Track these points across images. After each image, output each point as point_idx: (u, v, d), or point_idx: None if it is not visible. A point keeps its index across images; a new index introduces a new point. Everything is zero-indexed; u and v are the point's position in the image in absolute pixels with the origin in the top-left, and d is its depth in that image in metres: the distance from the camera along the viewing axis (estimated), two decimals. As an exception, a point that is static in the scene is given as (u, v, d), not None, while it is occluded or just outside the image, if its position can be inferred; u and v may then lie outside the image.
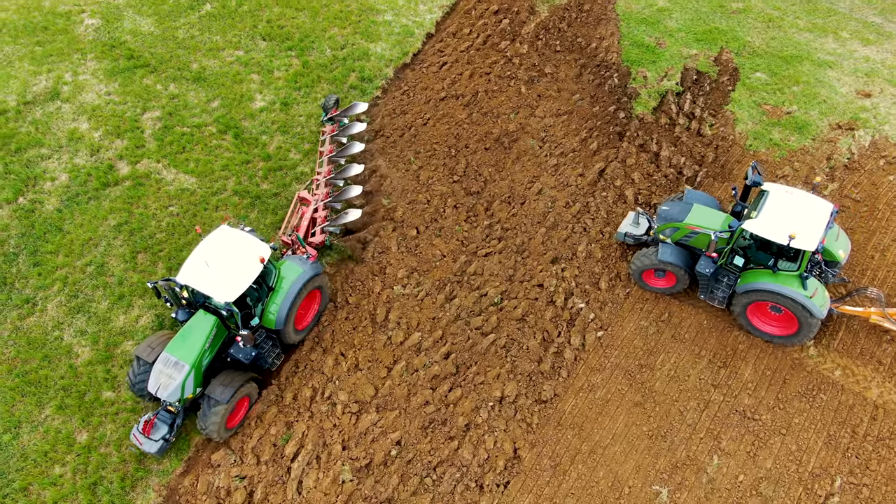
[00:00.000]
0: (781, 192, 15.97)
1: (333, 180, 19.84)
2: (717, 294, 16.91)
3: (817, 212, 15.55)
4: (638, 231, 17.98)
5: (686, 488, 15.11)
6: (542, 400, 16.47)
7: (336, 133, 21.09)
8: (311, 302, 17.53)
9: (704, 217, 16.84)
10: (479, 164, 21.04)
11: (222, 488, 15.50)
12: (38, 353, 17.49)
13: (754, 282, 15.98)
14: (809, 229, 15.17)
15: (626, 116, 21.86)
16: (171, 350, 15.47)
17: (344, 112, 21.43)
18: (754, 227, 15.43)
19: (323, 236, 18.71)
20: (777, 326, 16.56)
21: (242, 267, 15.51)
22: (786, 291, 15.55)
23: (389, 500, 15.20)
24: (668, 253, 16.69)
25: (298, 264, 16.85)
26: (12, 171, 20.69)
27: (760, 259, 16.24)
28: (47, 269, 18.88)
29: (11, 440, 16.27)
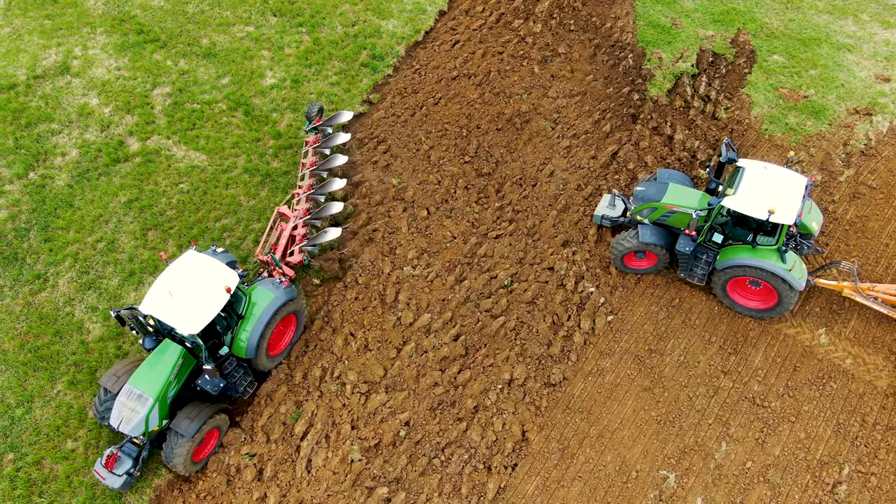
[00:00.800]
0: (757, 168, 16.04)
1: (314, 195, 18.75)
2: (696, 272, 16.94)
3: (793, 186, 15.69)
4: (615, 213, 17.95)
5: (693, 473, 15.16)
6: (550, 383, 16.49)
7: (319, 144, 19.98)
8: (285, 327, 16.80)
9: (680, 196, 16.87)
10: (491, 144, 20.86)
11: (232, 465, 15.65)
12: (50, 329, 17.59)
13: (734, 258, 16.07)
14: (787, 203, 15.29)
15: (640, 98, 21.58)
16: (134, 382, 14.78)
17: (328, 121, 20.17)
18: (733, 203, 15.49)
19: (301, 256, 17.81)
20: (757, 300, 16.70)
21: (208, 297, 14.72)
22: (765, 266, 15.66)
23: (398, 480, 15.32)
24: (648, 234, 16.71)
25: (271, 290, 15.99)
26: (23, 146, 20.64)
27: (738, 235, 16.36)
28: (58, 244, 18.91)
29: (24, 414, 16.43)
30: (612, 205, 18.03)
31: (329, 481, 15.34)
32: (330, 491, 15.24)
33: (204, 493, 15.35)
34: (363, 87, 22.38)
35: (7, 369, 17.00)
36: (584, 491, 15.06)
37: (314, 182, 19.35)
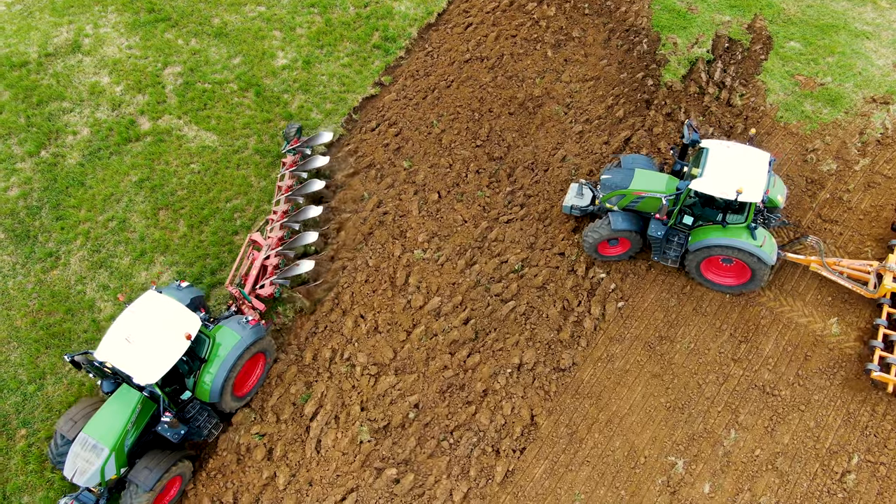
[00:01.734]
0: (720, 148, 16.11)
1: (289, 223, 17.89)
2: (669, 254, 16.97)
3: (757, 163, 15.83)
4: (583, 202, 17.91)
5: (702, 460, 15.17)
6: (560, 368, 16.50)
7: (297, 167, 19.03)
8: (253, 366, 16.15)
9: (647, 181, 16.88)
10: (503, 128, 20.74)
11: (242, 445, 15.75)
12: (62, 307, 17.67)
13: (705, 238, 16.17)
14: (753, 181, 15.43)
15: (654, 84, 21.38)
16: (89, 430, 14.09)
17: (307, 142, 19.35)
18: (701, 185, 15.56)
19: (272, 288, 16.95)
20: (731, 277, 16.86)
21: (167, 344, 14.04)
22: (737, 244, 15.78)
23: (406, 462, 15.39)
24: (619, 221, 16.72)
25: (236, 330, 15.30)
26: (34, 124, 20.64)
27: (708, 215, 16.44)
28: (70, 223, 18.96)
29: (36, 391, 16.55)
30: (581, 194, 17.99)
31: (338, 462, 15.43)
32: (339, 471, 15.33)
33: (214, 471, 15.46)
34: (375, 69, 22.25)
35: (20, 346, 17.11)
36: (592, 475, 15.11)
37: (290, 208, 18.49)
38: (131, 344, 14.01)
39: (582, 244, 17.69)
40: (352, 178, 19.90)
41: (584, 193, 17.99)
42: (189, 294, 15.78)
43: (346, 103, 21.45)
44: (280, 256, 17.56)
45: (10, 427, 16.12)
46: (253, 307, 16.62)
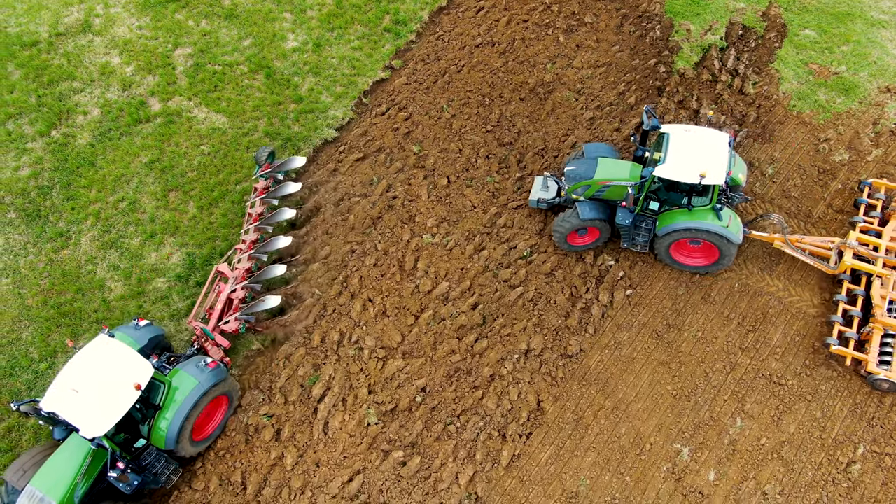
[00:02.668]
0: (680, 132, 16.21)
1: (257, 254, 17.12)
2: (638, 240, 17.05)
3: (717, 145, 15.96)
4: (549, 195, 17.92)
5: (707, 448, 15.23)
6: (567, 354, 16.54)
7: (267, 193, 18.22)
8: (215, 408, 15.52)
9: (611, 169, 16.91)
10: (514, 114, 20.65)
11: (251, 426, 15.89)
12: (73, 286, 17.79)
13: (673, 223, 16.29)
14: (715, 164, 15.56)
15: (667, 71, 21.23)
16: (37, 482, 13.35)
17: (279, 167, 18.58)
18: (665, 172, 15.66)
19: (237, 324, 16.21)
20: (700, 258, 17.03)
21: (116, 394, 13.40)
22: (704, 226, 15.95)
23: (413, 445, 15.51)
24: (587, 210, 16.76)
25: (194, 374, 14.64)
26: (45, 104, 20.68)
27: (673, 199, 16.54)
28: (80, 203, 19.04)
29: (47, 369, 16.72)
30: (546, 187, 17.97)
31: (345, 443, 15.57)
32: (346, 453, 15.46)
33: (223, 451, 15.62)
34: (385, 52, 22.16)
35: (31, 324, 17.26)
36: (597, 461, 15.20)
37: (259, 237, 17.77)
38: (78, 394, 13.40)
39: (552, 237, 17.70)
40: (361, 162, 19.89)
41: (550, 186, 18.00)
42: (147, 334, 15.25)
43: (356, 87, 21.40)
44: (246, 290, 16.79)
45: (21, 404, 16.29)
46: (217, 344, 16.01)
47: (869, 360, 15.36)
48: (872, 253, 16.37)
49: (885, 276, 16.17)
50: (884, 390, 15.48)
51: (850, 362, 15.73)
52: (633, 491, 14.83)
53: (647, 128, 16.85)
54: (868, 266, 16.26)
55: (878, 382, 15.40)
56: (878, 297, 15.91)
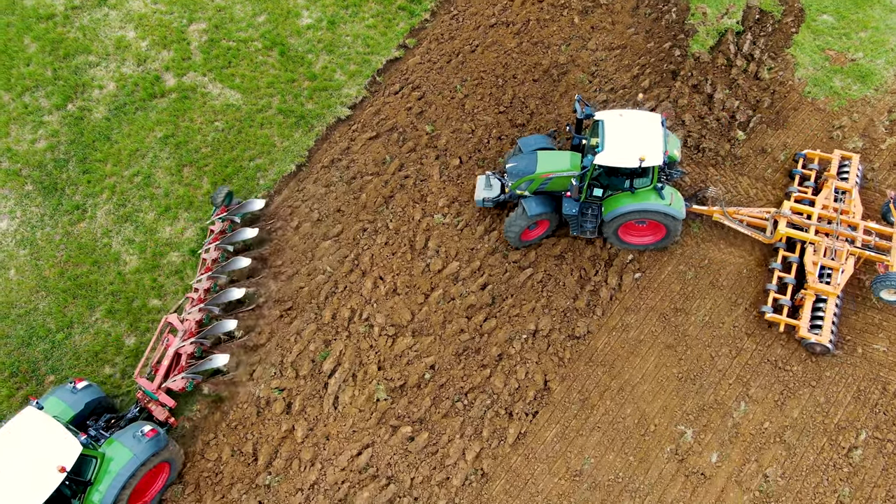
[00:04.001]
0: (614, 118, 16.38)
1: (209, 306, 16.39)
2: (586, 227, 17.20)
3: (651, 126, 16.19)
4: (494, 193, 17.80)
5: (711, 430, 15.46)
6: (575, 336, 16.74)
7: (222, 239, 17.36)
8: (155, 476, 14.72)
9: (552, 161, 16.98)
10: (527, 95, 20.65)
11: (262, 398, 16.22)
12: (89, 259, 18.08)
13: (618, 207, 16.47)
14: (652, 145, 15.82)
15: (682, 54, 21.13)
16: None
17: (236, 210, 17.72)
18: (605, 159, 15.83)
19: (184, 382, 15.47)
20: (648, 236, 17.32)
21: (38, 476, 12.57)
22: (649, 206, 16.23)
23: (421, 421, 15.80)
24: (534, 206, 16.81)
25: (130, 445, 13.80)
26: (61, 77, 20.83)
27: (615, 184, 16.70)
28: (96, 176, 19.26)
29: (64, 339, 17.06)
30: (489, 185, 17.82)
31: (355, 418, 15.88)
32: (356, 427, 15.78)
33: (235, 422, 15.97)
34: (399, 30, 22.13)
35: (48, 295, 17.59)
36: (602, 441, 15.46)
37: (212, 286, 17.04)
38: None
39: (506, 239, 17.68)
40: (374, 141, 19.99)
41: (493, 184, 17.83)
42: (85, 397, 14.64)
43: (370, 65, 21.42)
44: (196, 345, 16.07)
45: (39, 373, 16.68)
46: (161, 403, 15.30)
47: (801, 326, 15.85)
48: (805, 221, 16.91)
49: (817, 243, 16.68)
50: (816, 353, 15.98)
51: (783, 328, 16.22)
52: (636, 470, 15.10)
53: (581, 117, 17.00)
54: (801, 234, 16.78)
55: (811, 346, 15.89)
56: (811, 263, 16.42)
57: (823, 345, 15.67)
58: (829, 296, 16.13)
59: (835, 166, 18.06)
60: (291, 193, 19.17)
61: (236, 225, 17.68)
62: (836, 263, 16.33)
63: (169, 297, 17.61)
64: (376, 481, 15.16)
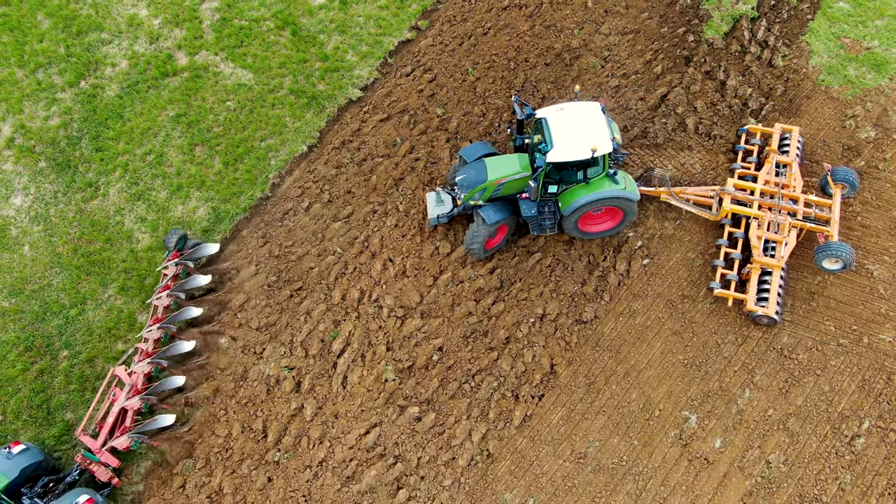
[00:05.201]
0: (555, 113, 16.28)
1: (157, 359, 15.75)
2: (546, 224, 17.19)
3: (593, 115, 16.18)
4: (446, 209, 17.35)
5: (715, 416, 15.62)
6: (582, 320, 16.87)
7: (174, 287, 16.63)
8: None
9: (501, 166, 16.75)
10: (538, 79, 20.60)
11: (272, 377, 16.46)
12: (102, 236, 18.27)
13: (575, 199, 16.42)
14: (599, 134, 15.86)
15: (696, 40, 20.99)
16: None
17: (189, 255, 17.04)
18: (557, 156, 15.75)
19: (129, 441, 14.74)
20: (606, 222, 17.40)
21: None
22: (605, 194, 16.26)
23: (429, 402, 16.02)
24: (492, 214, 16.54)
25: None
26: (73, 54, 20.87)
27: (569, 178, 16.58)
28: (109, 154, 19.39)
29: (78, 315, 17.31)
30: (440, 201, 17.36)
31: (363, 398, 16.11)
32: (364, 407, 16.02)
33: (245, 399, 16.23)
34: (412, 12, 22.04)
35: (62, 272, 17.81)
36: (607, 425, 15.65)
37: (162, 336, 16.35)
38: None
39: (470, 253, 17.41)
40: (385, 123, 20.01)
41: (444, 199, 17.36)
42: (21, 462, 14.00)
43: (381, 46, 21.38)
44: (144, 400, 15.39)
45: (53, 348, 16.95)
46: (104, 463, 14.69)
47: (748, 300, 16.15)
48: (749, 197, 17.23)
49: (761, 218, 17.03)
50: (764, 325, 16.36)
51: (731, 303, 16.48)
52: (640, 454, 15.30)
53: (522, 117, 16.83)
54: (745, 209, 17.10)
55: (759, 319, 16.20)
56: (755, 237, 16.73)
57: (770, 316, 16.04)
58: (774, 268, 16.48)
59: (776, 140, 18.33)
60: (302, 174, 19.26)
61: (191, 269, 17.04)
62: (779, 237, 16.72)
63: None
64: (384, 460, 15.42)
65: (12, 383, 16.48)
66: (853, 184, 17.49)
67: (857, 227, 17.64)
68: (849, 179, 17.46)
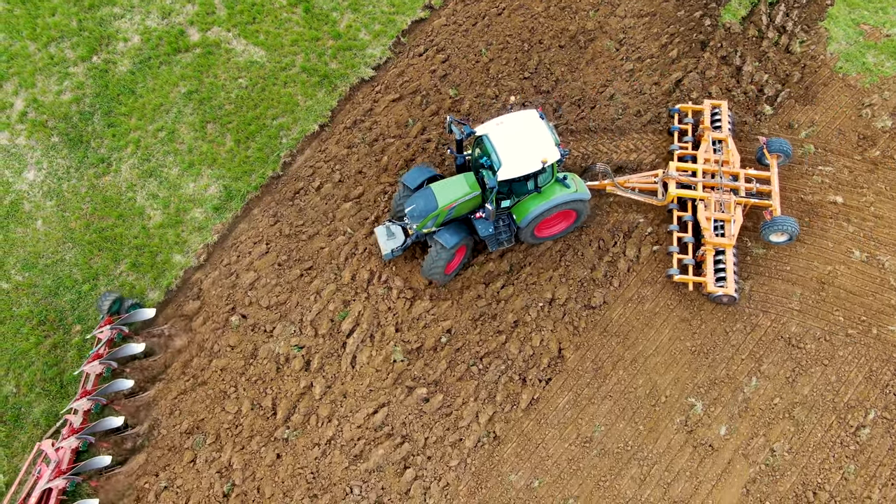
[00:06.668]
0: (496, 129, 15.84)
1: (85, 435, 14.75)
2: (503, 239, 16.91)
3: (534, 124, 15.89)
4: (399, 241, 16.86)
5: (721, 404, 15.71)
6: (591, 306, 16.92)
7: (107, 355, 15.76)
8: None
9: (448, 190, 16.26)
10: (552, 61, 20.42)
11: (282, 355, 16.61)
12: (114, 212, 18.36)
13: (531, 210, 16.22)
14: (544, 142, 15.61)
15: (712, 24, 20.73)
16: None
17: (124, 320, 16.16)
18: (508, 173, 15.41)
19: None
20: (560, 224, 17.31)
21: None
22: (559, 200, 16.11)
23: (436, 383, 16.16)
24: (449, 237, 16.09)
25: None
26: (86, 28, 20.79)
27: (519, 190, 16.28)
28: (121, 130, 19.40)
29: (90, 290, 17.46)
30: (391, 234, 16.88)
31: (372, 377, 16.26)
32: (372, 386, 16.17)
33: (255, 377, 16.40)
34: (426, -9, 21.82)
35: (74, 247, 17.93)
36: (613, 409, 15.77)
37: (92, 407, 15.51)
38: None
39: (433, 281, 17.03)
40: (397, 103, 19.93)
41: (395, 232, 16.89)
42: None
43: (394, 25, 21.20)
44: (69, 481, 14.51)
45: (66, 322, 17.13)
46: None
47: (708, 282, 16.25)
48: (692, 179, 17.29)
49: (707, 199, 17.09)
50: (724, 304, 16.53)
51: (692, 287, 16.57)
52: (645, 439, 15.43)
53: (461, 137, 16.18)
54: (690, 192, 17.19)
55: (719, 298, 16.34)
56: (704, 219, 16.79)
57: (731, 295, 16.15)
58: (727, 247, 16.62)
59: (707, 117, 18.34)
60: (314, 154, 19.25)
61: (127, 333, 16.29)
62: (726, 215, 16.84)
63: (191, 252, 17.89)
64: (391, 439, 15.61)
65: (26, 356, 16.70)
66: (787, 153, 17.64)
67: (869, 218, 17.56)
68: (783, 149, 17.59)
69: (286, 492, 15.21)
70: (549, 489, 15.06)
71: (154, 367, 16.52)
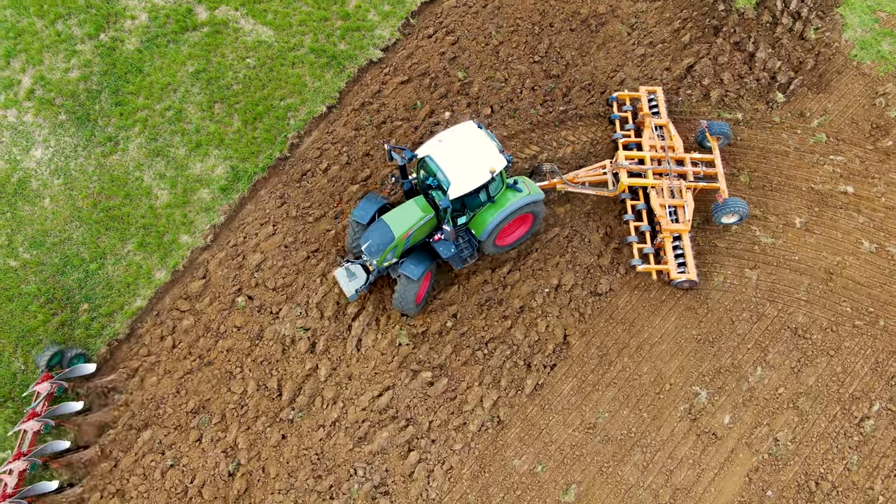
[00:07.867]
0: (438, 148, 15.58)
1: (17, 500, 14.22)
2: (465, 255, 16.52)
3: (474, 135, 15.68)
4: (362, 280, 16.43)
5: (725, 393, 15.72)
6: (597, 293, 16.89)
7: (46, 412, 15.26)
8: None
9: (402, 219, 15.82)
10: (563, 45, 20.21)
11: (287, 336, 16.66)
12: (121, 192, 18.35)
13: (488, 222, 15.85)
14: (488, 152, 15.42)
15: (726, 9, 20.45)
16: None
17: (65, 375, 15.62)
18: (459, 190, 15.17)
19: None
20: (520, 228, 16.98)
21: None
22: (515, 206, 15.79)
23: (441, 367, 16.21)
24: (413, 267, 15.70)
25: None
26: (93, 5, 20.64)
27: (472, 203, 15.95)
28: (128, 109, 19.33)
29: (97, 269, 17.51)
30: (353, 275, 16.41)
31: (377, 361, 16.31)
32: (377, 370, 16.23)
33: (261, 358, 16.48)
34: (436, -29, 21.54)
35: (81, 226, 17.96)
36: (617, 396, 15.80)
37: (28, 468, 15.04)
38: None
39: (405, 314, 16.65)
40: (405, 85, 19.78)
41: (355, 271, 16.42)
42: None
43: (404, 6, 20.98)
44: None
45: (73, 301, 17.21)
46: None
47: (670, 269, 16.32)
48: (641, 167, 17.23)
49: (658, 186, 17.13)
50: (686, 288, 16.67)
51: (655, 276, 16.63)
52: (649, 427, 15.48)
53: (403, 162, 15.84)
54: (641, 181, 17.13)
55: (681, 284, 16.42)
56: (658, 206, 16.79)
57: (692, 280, 16.22)
58: (683, 233, 16.63)
59: (645, 103, 18.32)
60: (321, 135, 19.16)
61: (68, 386, 15.80)
62: (679, 201, 16.90)
63: (198, 232, 17.88)
64: (396, 422, 15.70)
65: (34, 334, 16.80)
66: (727, 135, 17.81)
67: (879, 209, 17.43)
68: (723, 131, 17.76)
69: (291, 472, 15.35)
70: (551, 474, 15.15)
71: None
